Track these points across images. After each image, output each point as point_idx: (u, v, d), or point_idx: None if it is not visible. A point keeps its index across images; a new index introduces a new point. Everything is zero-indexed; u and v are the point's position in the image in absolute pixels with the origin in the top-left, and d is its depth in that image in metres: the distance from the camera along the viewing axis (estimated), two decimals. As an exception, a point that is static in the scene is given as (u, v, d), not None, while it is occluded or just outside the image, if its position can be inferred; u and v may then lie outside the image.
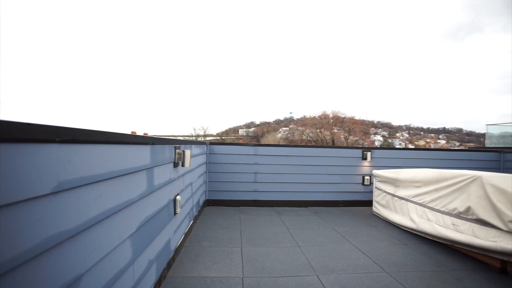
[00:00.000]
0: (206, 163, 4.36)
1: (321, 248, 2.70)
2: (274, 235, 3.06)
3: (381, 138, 57.57)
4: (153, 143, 1.65)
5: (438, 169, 3.12)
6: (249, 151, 4.47)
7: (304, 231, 3.20)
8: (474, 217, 2.37)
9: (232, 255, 2.47)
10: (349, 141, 39.59)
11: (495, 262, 2.22)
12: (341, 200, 4.54)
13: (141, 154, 1.49)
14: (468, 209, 2.43)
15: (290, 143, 44.38)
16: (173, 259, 2.22)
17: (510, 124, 8.02)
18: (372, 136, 57.65)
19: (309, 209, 4.31)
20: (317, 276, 2.12)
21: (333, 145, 6.32)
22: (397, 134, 62.68)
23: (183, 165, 2.34)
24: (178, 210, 2.29)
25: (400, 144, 56.19)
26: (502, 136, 8.17)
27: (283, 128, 64.94)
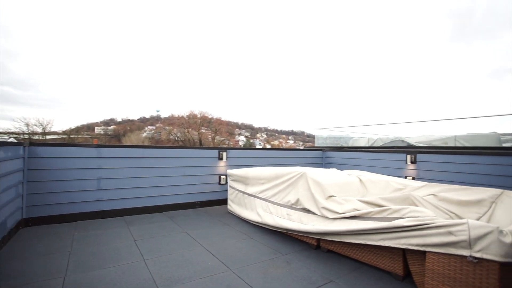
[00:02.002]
0: (24, 170, 3.30)
1: (169, 257, 2.51)
2: (116, 251, 2.62)
3: (244, 138, 63.53)
4: None
5: (278, 167, 3.59)
6: (90, 153, 3.71)
7: (153, 241, 2.92)
8: (301, 206, 2.83)
9: (48, 291, 1.90)
10: (215, 141, 41.42)
11: (313, 241, 2.73)
12: (198, 201, 4.51)
13: None
14: (297, 201, 2.87)
15: (156, 143, 41.86)
16: None
17: (329, 128, 10.69)
18: (237, 136, 62.76)
19: (165, 214, 4.04)
20: (158, 292, 1.92)
21: (190, 146, 6.26)
22: (258, 135, 71.02)
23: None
24: None
25: (260, 143, 63.91)
26: (326, 138, 10.65)
27: (149, 127, 60.30)
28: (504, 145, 5.44)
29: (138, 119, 67.86)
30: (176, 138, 41.73)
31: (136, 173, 4.03)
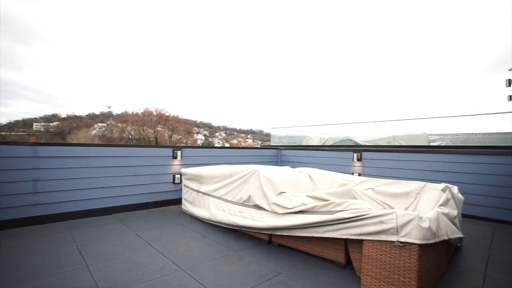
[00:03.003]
0: None
1: (116, 261, 2.40)
2: (54, 259, 2.41)
3: (202, 137, 62.36)
4: None
5: (232, 165, 3.63)
6: (23, 152, 3.34)
7: (99, 245, 2.75)
8: (253, 203, 2.91)
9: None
10: (172, 139, 40.06)
11: (265, 237, 2.82)
12: (151, 202, 4.35)
13: None
14: (249, 198, 2.94)
15: (107, 142, 39.10)
16: None
17: (284, 127, 11.05)
18: (195, 135, 61.33)
19: (114, 216, 3.82)
20: (102, 298, 1.83)
21: (142, 144, 6.00)
22: (217, 134, 70.27)
23: None
24: None
25: (218, 142, 63.35)
26: (283, 137, 10.98)
27: (99, 124, 55.83)
28: (432, 144, 6.21)
29: (86, 115, 62.49)
30: (130, 137, 39.41)
31: (81, 173, 3.74)
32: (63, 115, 60.99)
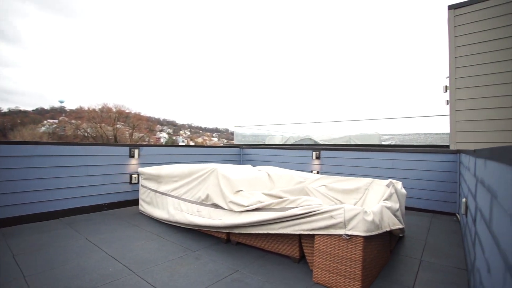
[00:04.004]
0: None
1: (61, 268, 2.23)
2: (-14, 270, 2.17)
3: (166, 135, 60.19)
4: None
5: (191, 164, 3.57)
6: (-50, 152, 2.95)
7: (41, 253, 2.53)
8: (211, 202, 2.89)
9: None
10: (133, 137, 38.16)
11: (223, 235, 2.83)
12: (105, 203, 4.11)
13: None
14: (207, 196, 2.92)
15: (59, 140, 36.05)
16: None
17: (247, 126, 11.15)
18: (158, 133, 58.97)
19: (62, 221, 3.54)
20: (41, 308, 1.69)
21: (96, 143, 5.64)
22: (181, 132, 68.27)
23: None
24: None
25: (183, 141, 61.64)
26: (248, 135, 11.05)
27: (49, 120, 50.99)
28: (383, 143, 6.71)
29: (33, 110, 56.57)
30: (86, 134, 36.72)
31: (22, 175, 3.40)
32: (5, 109, 54.55)
